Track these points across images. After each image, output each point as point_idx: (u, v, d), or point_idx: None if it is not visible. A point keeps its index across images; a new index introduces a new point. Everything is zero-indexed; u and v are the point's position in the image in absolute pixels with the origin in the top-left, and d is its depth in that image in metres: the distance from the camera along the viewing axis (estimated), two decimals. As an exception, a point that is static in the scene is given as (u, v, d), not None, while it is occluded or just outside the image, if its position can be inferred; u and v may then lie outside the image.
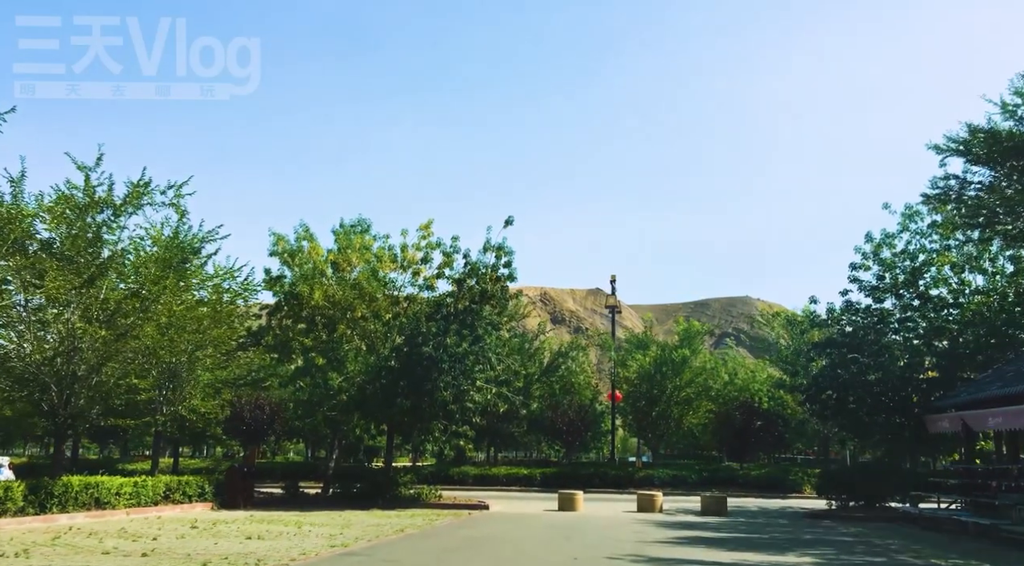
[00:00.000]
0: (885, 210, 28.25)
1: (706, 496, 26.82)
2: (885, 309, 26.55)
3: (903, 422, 25.78)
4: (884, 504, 26.82)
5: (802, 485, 38.51)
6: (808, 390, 28.04)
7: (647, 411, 43.45)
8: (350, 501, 26.80)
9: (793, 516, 25.95)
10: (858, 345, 26.48)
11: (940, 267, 26.59)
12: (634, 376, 44.04)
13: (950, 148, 23.28)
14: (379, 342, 28.74)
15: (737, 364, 65.42)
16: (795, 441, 56.51)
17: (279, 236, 29.78)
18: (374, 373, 26.74)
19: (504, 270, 27.98)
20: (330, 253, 29.58)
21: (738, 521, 23.65)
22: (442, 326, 26.80)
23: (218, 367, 29.29)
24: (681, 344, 44.06)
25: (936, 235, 27.22)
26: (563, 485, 38.49)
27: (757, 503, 32.83)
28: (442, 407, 26.34)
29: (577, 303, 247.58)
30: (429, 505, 26.34)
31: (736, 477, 39.84)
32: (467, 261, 28.00)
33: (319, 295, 27.51)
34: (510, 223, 28.16)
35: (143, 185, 20.91)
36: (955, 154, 23.14)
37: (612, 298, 44.28)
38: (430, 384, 26.04)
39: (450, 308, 27.68)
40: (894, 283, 26.91)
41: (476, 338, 27.12)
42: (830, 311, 27.70)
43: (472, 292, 27.53)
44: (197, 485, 24.50)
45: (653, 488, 38.26)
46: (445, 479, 40.37)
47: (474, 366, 27.04)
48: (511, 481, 40.15)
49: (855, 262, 27.90)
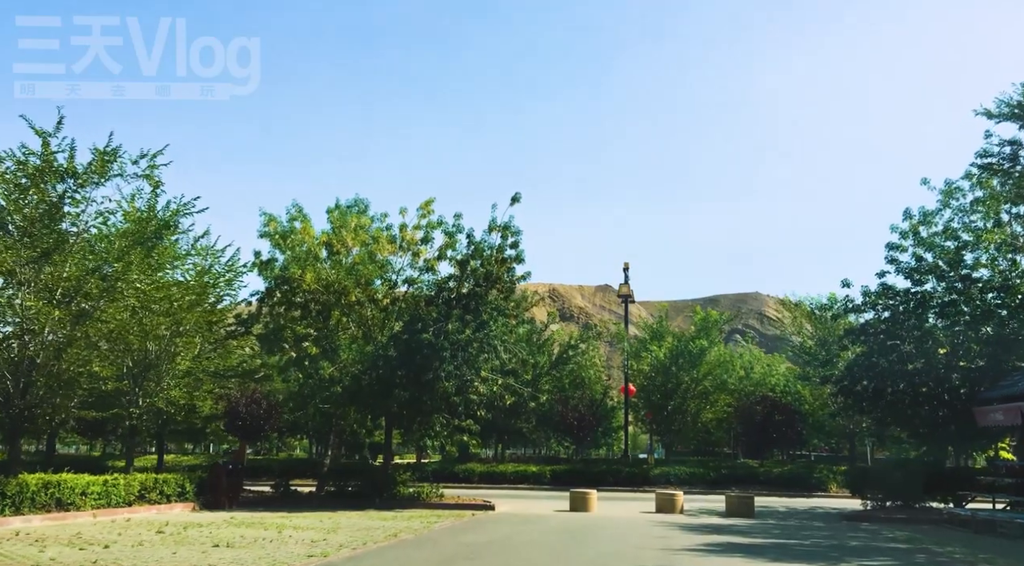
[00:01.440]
0: (924, 186, 25.98)
1: (731, 496, 24.67)
2: (927, 291, 24.26)
3: (946, 415, 23.55)
4: (924, 504, 24.66)
5: (827, 483, 36.40)
6: (841, 381, 25.79)
7: (662, 405, 41.25)
8: (345, 501, 24.77)
9: (827, 518, 23.78)
10: (898, 331, 24.26)
11: (987, 247, 24.30)
12: (648, 368, 41.82)
13: (1004, 113, 21.07)
14: (376, 329, 26.67)
15: (753, 358, 63.24)
16: (811, 437, 54.42)
17: (270, 216, 27.70)
18: (370, 362, 24.66)
19: (511, 251, 25.82)
20: (324, 234, 27.50)
21: (768, 523, 21.50)
22: (443, 311, 24.71)
23: (205, 357, 27.33)
24: (698, 334, 41.88)
25: (979, 212, 24.95)
26: (574, 483, 36.49)
27: (783, 503, 30.67)
28: (444, 399, 24.27)
29: (586, 300, 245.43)
30: (430, 505, 24.28)
31: (756, 475, 37.69)
32: (471, 241, 25.85)
33: (311, 277, 25.43)
34: (517, 200, 26.00)
35: (110, 153, 18.86)
36: (1008, 119, 20.92)
37: (625, 286, 42.10)
38: (430, 374, 23.95)
39: (452, 292, 25.56)
40: (935, 264, 24.65)
41: (480, 324, 25.01)
42: (866, 294, 25.42)
43: (476, 274, 25.37)
44: (177, 484, 22.49)
45: (669, 486, 36.24)
46: (450, 477, 38.36)
47: (478, 355, 24.94)
48: (519, 479, 38.08)
49: (892, 242, 25.62)
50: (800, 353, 42.03)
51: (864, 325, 25.14)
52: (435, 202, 27.41)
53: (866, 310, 25.60)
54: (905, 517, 22.70)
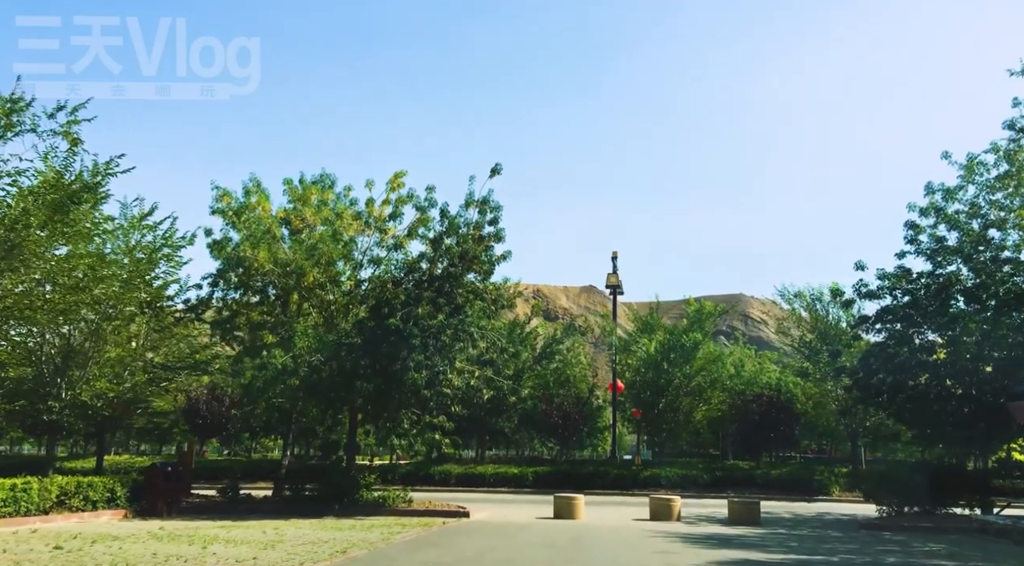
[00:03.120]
0: (945, 160, 23.58)
1: (735, 501, 22.08)
2: (953, 273, 21.76)
3: (973, 410, 21.07)
4: (947, 511, 22.21)
5: (829, 486, 34.06)
6: (856, 374, 23.24)
7: (652, 403, 38.67)
8: (302, 507, 22.01)
9: (842, 526, 21.25)
10: (919, 318, 21.77)
11: (1020, 224, 21.87)
12: (638, 363, 39.20)
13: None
14: (339, 315, 23.94)
15: (743, 355, 60.96)
16: (802, 438, 52.13)
17: (223, 191, 24.89)
18: (332, 352, 21.93)
19: (490, 228, 23.12)
20: (281, 210, 24.74)
21: (779, 533, 18.93)
22: (413, 294, 22.01)
23: (149, 346, 24.52)
24: (691, 327, 39.35)
25: (1003, 191, 22.54)
26: (558, 486, 33.95)
27: (785, 508, 28.14)
28: (413, 393, 21.56)
29: (571, 301, 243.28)
30: (396, 512, 21.55)
31: (754, 478, 35.21)
32: (445, 217, 23.15)
33: (264, 256, 22.64)
34: (497, 172, 23.33)
35: (15, 102, 16.06)
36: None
37: (613, 276, 39.51)
38: (398, 365, 21.25)
39: (423, 273, 22.85)
40: (961, 244, 22.20)
41: (455, 309, 22.33)
42: (883, 277, 22.88)
43: (451, 253, 22.68)
44: (105, 489, 19.67)
45: (660, 489, 33.73)
46: (425, 479, 35.69)
47: (453, 343, 22.27)
48: (499, 481, 35.40)
49: (911, 220, 23.13)
50: (800, 346, 39.59)
51: (881, 311, 22.59)
52: (406, 175, 24.80)
53: (883, 296, 23.05)
54: (930, 525, 20.23)
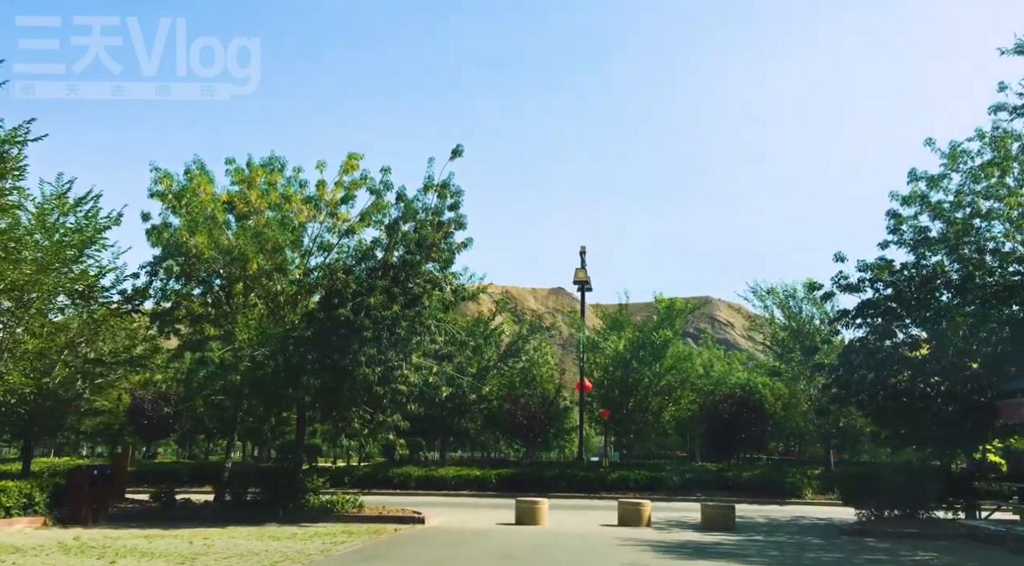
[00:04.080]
0: (927, 147, 22.52)
1: (708, 506, 20.77)
2: (939, 263, 20.66)
3: (958, 409, 19.96)
4: (930, 515, 21.11)
5: (802, 488, 32.97)
6: (835, 371, 22.05)
7: (621, 403, 37.35)
8: (244, 513, 20.27)
9: (821, 531, 20.03)
10: (903, 311, 20.63)
11: (1008, 213, 20.85)
12: (606, 361, 37.84)
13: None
14: (287, 306, 22.25)
15: (712, 356, 60.21)
16: (770, 439, 51.33)
17: (163, 173, 23.05)
18: (277, 345, 20.27)
19: (450, 214, 21.63)
20: (225, 193, 22.97)
21: (757, 541, 17.63)
22: (366, 283, 20.41)
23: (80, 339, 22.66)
24: (661, 324, 38.11)
25: (985, 182, 21.53)
26: (522, 489, 32.44)
27: (759, 512, 26.91)
28: (365, 389, 19.96)
29: (539, 302, 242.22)
30: (345, 518, 19.92)
31: (724, 480, 34.03)
32: (401, 200, 21.59)
33: (202, 241, 20.87)
34: (459, 154, 21.85)
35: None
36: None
37: (582, 271, 38.07)
38: (348, 359, 19.66)
39: (377, 261, 21.26)
40: (945, 234, 21.13)
41: (412, 299, 20.77)
42: (863, 268, 21.73)
43: (407, 240, 21.12)
44: (21, 494, 17.82)
45: (628, 492, 32.40)
46: (383, 482, 33.96)
47: (409, 336, 20.74)
48: (461, 484, 33.79)
49: (894, 209, 22.02)
50: (772, 345, 38.55)
51: (862, 305, 21.42)
52: (362, 158, 23.18)
53: (863, 289, 21.89)
54: (915, 531, 19.07)
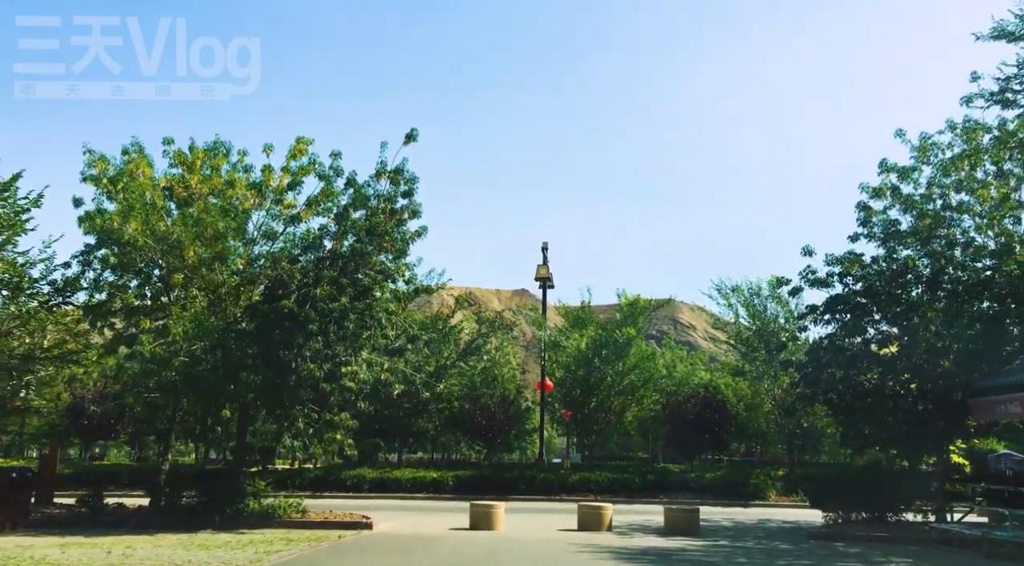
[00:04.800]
0: (898, 138, 21.92)
1: (672, 509, 19.84)
2: (911, 257, 19.99)
3: (928, 408, 19.29)
4: (899, 518, 20.43)
5: (766, 490, 32.34)
6: (804, 368, 21.28)
7: (583, 402, 36.43)
8: (179, 518, 18.89)
9: (789, 535, 19.23)
10: (873, 307, 19.92)
11: (977, 208, 20.27)
12: (568, 360, 36.89)
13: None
14: (229, 298, 20.90)
15: (675, 357, 59.70)
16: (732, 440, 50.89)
17: (98, 156, 21.58)
18: (217, 339, 18.95)
19: (403, 201, 20.48)
20: (165, 177, 21.56)
21: (723, 546, 16.74)
22: (312, 273, 19.18)
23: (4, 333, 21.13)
24: (624, 322, 37.29)
25: (953, 177, 20.96)
26: (481, 491, 31.39)
27: (723, 514, 26.11)
28: (310, 386, 18.71)
29: (503, 303, 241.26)
30: (288, 523, 18.66)
31: (687, 482, 33.26)
32: (351, 185, 20.40)
33: (136, 227, 19.49)
34: (413, 138, 20.71)
35: None
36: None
37: (544, 268, 37.12)
38: (292, 354, 18.43)
39: (324, 250, 20.03)
40: (916, 227, 20.48)
41: (362, 291, 19.56)
42: (831, 262, 21.00)
43: (357, 227, 19.93)
44: (-70, 498, 16.37)
45: (589, 494, 31.51)
46: (336, 485, 32.64)
47: (359, 330, 19.55)
48: (417, 487, 32.58)
49: (863, 201, 21.34)
50: (737, 343, 37.93)
51: (832, 300, 20.68)
52: (312, 144, 21.93)
53: (832, 284, 21.17)
54: (885, 535, 18.32)
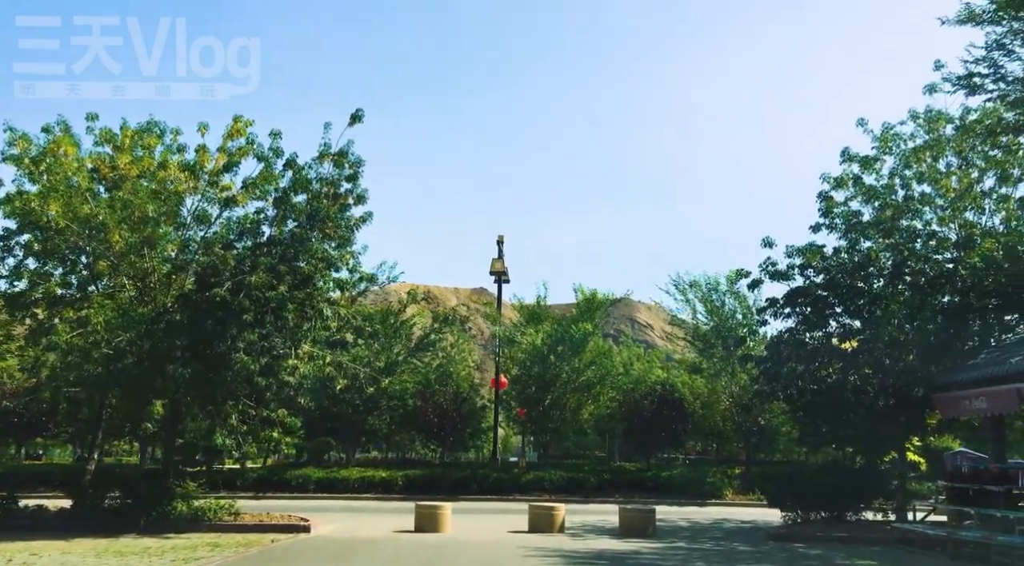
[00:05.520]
0: (860, 128, 21.42)
1: (627, 509, 19.02)
2: (873, 248, 19.42)
3: (890, 404, 18.72)
4: (859, 517, 19.89)
5: (722, 488, 31.79)
6: (764, 363, 20.61)
7: (538, 400, 35.55)
8: (101, 521, 17.56)
9: (747, 536, 18.53)
10: (834, 299, 19.30)
11: (937, 201, 19.82)
12: (523, 356, 35.97)
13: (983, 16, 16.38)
14: (160, 287, 19.57)
15: (632, 355, 59.12)
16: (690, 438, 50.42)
17: (19, 134, 20.06)
18: (145, 329, 17.67)
19: (347, 185, 19.36)
20: (91, 157, 20.14)
21: (679, 548, 15.95)
22: (248, 259, 17.97)
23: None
24: (581, 317, 36.48)
25: (922, 166, 20.52)
26: (431, 491, 30.37)
27: (680, 514, 25.43)
28: (245, 380, 17.50)
29: (461, 302, 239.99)
30: (218, 527, 17.44)
31: (643, 480, 32.58)
32: (291, 167, 19.22)
33: (57, 209, 18.09)
34: (358, 119, 19.59)
35: None
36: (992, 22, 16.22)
37: (499, 262, 36.15)
38: (225, 345, 17.23)
39: (261, 236, 18.82)
40: (877, 218, 19.95)
41: (302, 280, 18.42)
42: (792, 254, 20.36)
43: (298, 212, 18.77)
44: None
45: (543, 494, 30.64)
46: (280, 485, 31.31)
47: (299, 322, 18.43)
48: (365, 487, 31.39)
49: (825, 191, 20.75)
50: (694, 339, 37.34)
51: (792, 292, 20.03)
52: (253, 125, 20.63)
53: (793, 276, 20.55)
54: (845, 535, 17.71)
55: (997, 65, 16.47)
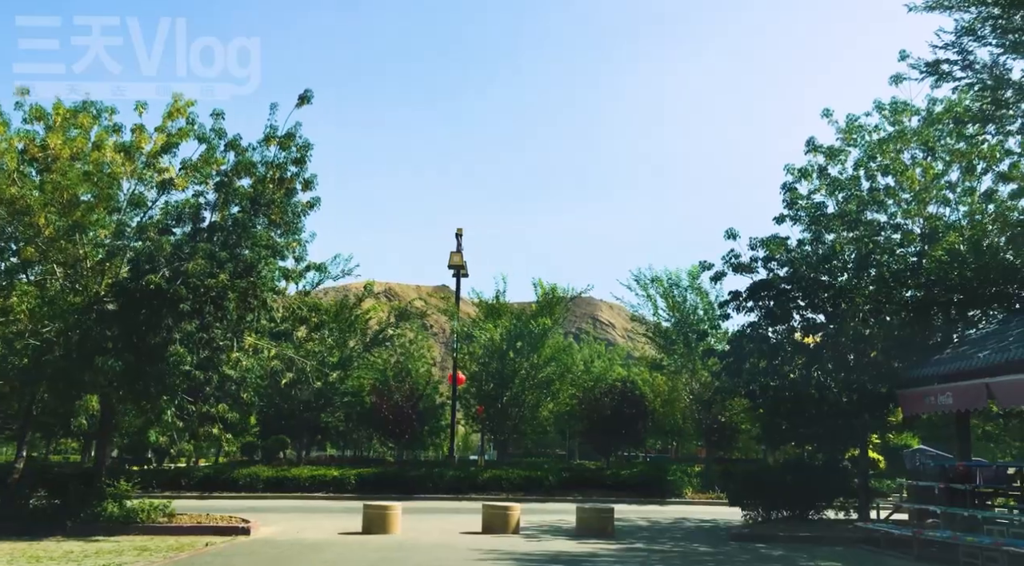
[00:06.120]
0: (825, 118, 21.01)
1: (585, 509, 18.33)
2: (838, 241, 18.97)
3: (853, 401, 18.25)
4: (821, 516, 19.45)
5: (682, 487, 31.31)
6: (727, 357, 20.04)
7: (496, 396, 34.76)
8: (25, 524, 16.38)
9: (708, 536, 17.94)
10: (797, 293, 18.79)
11: (900, 194, 19.45)
12: (481, 352, 35.14)
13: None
14: (92, 275, 18.41)
15: (593, 352, 58.71)
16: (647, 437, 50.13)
17: (-55, 114, 18.78)
18: (74, 320, 16.56)
19: (294, 168, 18.39)
20: (20, 135, 18.91)
21: (638, 550, 15.28)
22: (185, 245, 16.93)
23: None
24: (540, 312, 35.77)
25: (887, 159, 20.15)
26: (385, 490, 29.47)
27: (639, 513, 24.83)
28: (182, 374, 16.46)
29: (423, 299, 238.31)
30: (150, 529, 16.39)
31: (603, 479, 32.02)
32: (233, 148, 18.19)
33: (-25, 191, 16.88)
34: (307, 100, 18.66)
35: None
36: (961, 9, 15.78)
37: (457, 255, 35.33)
38: (160, 337, 16.20)
39: (202, 221, 17.78)
40: (842, 210, 19.50)
41: (245, 268, 17.42)
42: (755, 246, 19.82)
43: (240, 197, 17.77)
44: None
45: (501, 493, 29.93)
46: (227, 484, 30.13)
47: (242, 312, 17.43)
48: (317, 486, 30.33)
49: (788, 182, 20.26)
50: (656, 335, 36.82)
51: (756, 285, 19.48)
52: (194, 105, 19.55)
53: (756, 269, 20.02)
54: (808, 534, 17.20)
55: (966, 51, 16.06)
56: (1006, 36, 15.03)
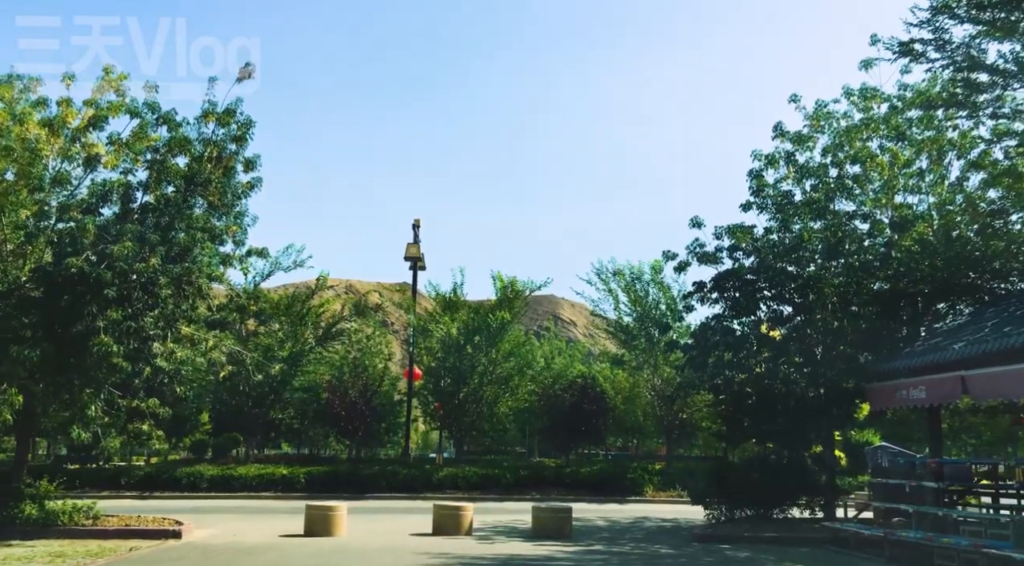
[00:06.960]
0: (793, 104, 20.34)
1: (541, 508, 17.43)
2: (806, 230, 18.28)
3: (823, 394, 17.60)
4: (786, 515, 18.79)
5: (643, 485, 30.57)
6: (691, 350, 19.27)
7: (453, 392, 33.72)
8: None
9: (670, 537, 17.15)
10: (767, 282, 18.07)
11: (880, 176, 18.84)
12: (438, 346, 34.05)
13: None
14: (11, 259, 17.05)
15: (554, 349, 58.03)
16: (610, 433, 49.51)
17: None
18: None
19: (233, 146, 17.21)
20: (-68, 108, 17.47)
21: (595, 552, 14.42)
22: (113, 228, 15.67)
23: None
24: (499, 306, 34.81)
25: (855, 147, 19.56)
26: (337, 489, 28.38)
27: (599, 512, 24.03)
28: (108, 366, 15.20)
29: (384, 297, 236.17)
30: (71, 532, 15.12)
31: (562, 477, 31.20)
32: (167, 123, 16.96)
33: None
34: (249, 75, 17.48)
35: None
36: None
37: (414, 247, 34.21)
38: (83, 325, 14.94)
39: (132, 200, 16.54)
40: (809, 199, 18.85)
41: (180, 252, 16.22)
42: (723, 234, 19.10)
43: (174, 175, 16.55)
44: None
45: (458, 492, 28.99)
46: (169, 484, 28.72)
47: (176, 300, 16.22)
48: (265, 485, 29.02)
49: (755, 169, 19.56)
50: (617, 330, 36.05)
51: (721, 275, 18.74)
52: (128, 78, 18.25)
53: (721, 260, 19.30)
54: (774, 534, 16.50)
55: (941, 29, 15.43)
56: (982, 13, 14.45)
